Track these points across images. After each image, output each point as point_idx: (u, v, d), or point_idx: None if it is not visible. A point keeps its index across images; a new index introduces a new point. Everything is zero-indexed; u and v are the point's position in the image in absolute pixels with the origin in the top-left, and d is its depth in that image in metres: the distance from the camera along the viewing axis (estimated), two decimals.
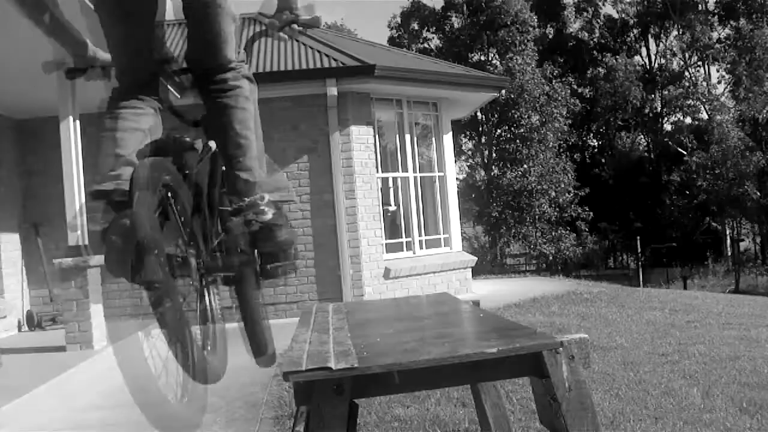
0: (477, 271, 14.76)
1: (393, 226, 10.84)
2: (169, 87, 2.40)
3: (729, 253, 35.70)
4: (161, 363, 1.93)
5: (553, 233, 28.46)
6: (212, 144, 2.23)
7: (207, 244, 1.99)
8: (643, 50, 39.77)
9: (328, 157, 9.68)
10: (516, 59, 28.47)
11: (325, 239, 9.63)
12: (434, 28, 36.92)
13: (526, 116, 27.95)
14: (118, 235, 1.70)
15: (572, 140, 31.42)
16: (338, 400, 1.80)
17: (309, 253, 9.60)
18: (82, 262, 6.81)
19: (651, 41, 39.51)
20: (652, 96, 37.32)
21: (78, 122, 7.18)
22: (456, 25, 35.05)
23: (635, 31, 39.30)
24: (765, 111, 31.94)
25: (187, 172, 2.02)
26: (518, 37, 30.02)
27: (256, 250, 2.09)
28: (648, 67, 38.84)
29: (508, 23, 30.07)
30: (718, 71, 38.33)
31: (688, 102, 37.07)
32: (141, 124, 2.13)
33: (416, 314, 2.87)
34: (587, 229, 31.60)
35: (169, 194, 1.87)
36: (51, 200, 9.11)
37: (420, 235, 10.85)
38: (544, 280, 14.99)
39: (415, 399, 4.58)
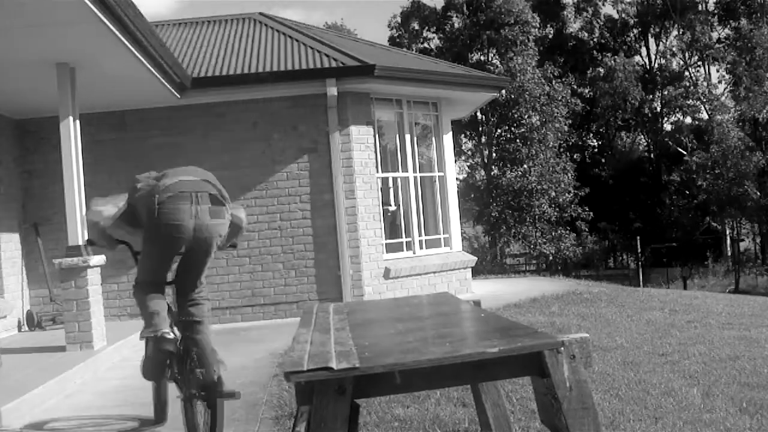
0: (477, 271, 14.76)
1: (393, 226, 10.84)
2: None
3: (729, 253, 35.70)
4: None
5: (553, 233, 28.47)
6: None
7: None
8: (643, 50, 39.82)
9: (328, 157, 9.68)
10: (516, 59, 28.47)
11: (325, 239, 9.63)
12: (434, 28, 36.92)
13: (526, 116, 27.96)
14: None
15: (572, 140, 31.42)
16: (340, 400, 1.80)
17: (309, 253, 9.60)
18: (82, 262, 6.81)
19: (651, 41, 39.57)
20: (651, 96, 37.31)
21: (78, 122, 7.18)
22: (456, 25, 35.04)
23: (635, 31, 39.31)
24: (765, 111, 31.94)
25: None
26: (520, 37, 30.01)
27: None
28: (648, 67, 38.85)
29: (512, 22, 30.03)
30: (717, 71, 38.35)
31: (689, 102, 37.09)
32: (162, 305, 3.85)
33: (417, 314, 2.86)
34: (587, 229, 31.61)
35: None
36: (51, 200, 9.11)
37: (420, 235, 10.85)
38: (544, 280, 14.99)
39: (415, 399, 4.58)
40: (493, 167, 30.91)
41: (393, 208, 10.94)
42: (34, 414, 4.91)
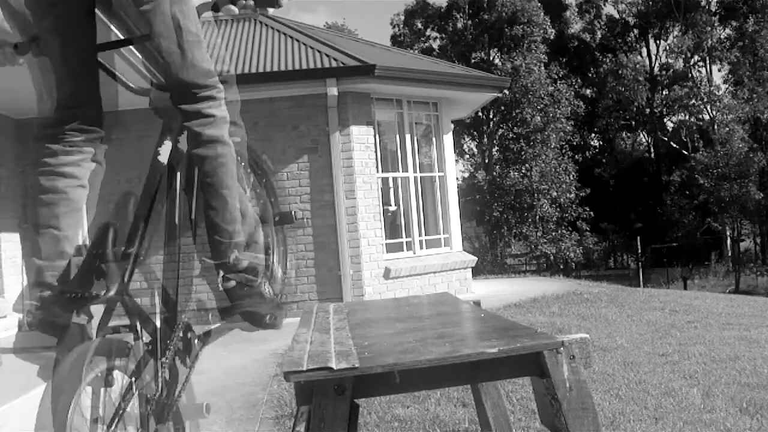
0: (477, 271, 14.76)
1: (393, 226, 10.84)
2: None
3: (729, 254, 35.70)
4: None
5: (554, 233, 28.47)
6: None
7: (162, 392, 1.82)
8: (644, 50, 39.80)
9: (328, 157, 9.68)
10: (522, 59, 28.47)
11: (325, 239, 9.63)
12: (437, 27, 36.89)
13: (530, 116, 27.97)
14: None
15: (575, 141, 31.44)
16: (339, 400, 1.80)
17: (309, 253, 9.60)
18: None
19: (651, 41, 39.58)
20: (650, 96, 37.29)
21: None
22: (459, 25, 35.04)
23: (635, 31, 39.32)
24: None
25: None
26: (530, 38, 29.99)
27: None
28: (649, 67, 38.85)
29: (525, 21, 29.99)
30: (719, 71, 38.33)
31: (691, 102, 37.08)
32: (59, 222, 1.86)
33: (417, 315, 2.86)
34: (588, 230, 31.61)
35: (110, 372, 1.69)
36: None
37: (420, 235, 10.84)
38: (545, 281, 14.98)
39: (415, 399, 4.58)
40: (495, 167, 30.93)
41: (393, 208, 10.94)
42: (35, 414, 4.90)
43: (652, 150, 39.19)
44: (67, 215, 1.85)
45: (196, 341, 2.00)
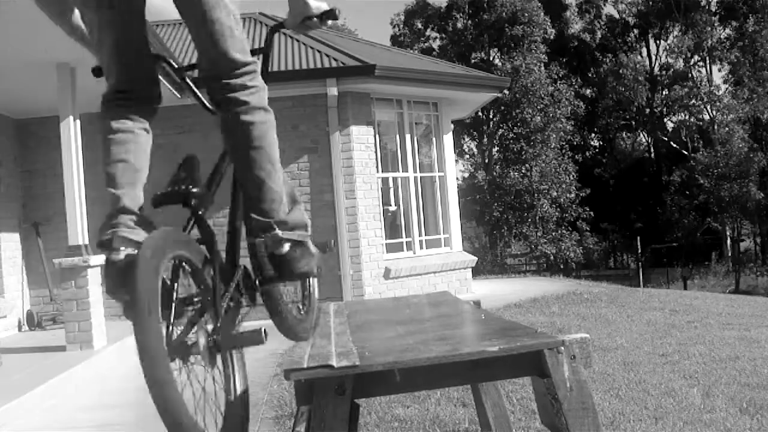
0: (477, 271, 14.76)
1: (393, 226, 10.84)
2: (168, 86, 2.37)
3: (729, 254, 35.70)
4: None
5: (554, 233, 28.48)
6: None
7: (219, 313, 1.85)
8: (644, 50, 39.80)
9: (328, 157, 9.68)
10: (522, 59, 28.46)
11: (325, 239, 9.61)
12: (437, 27, 36.88)
13: (530, 116, 27.97)
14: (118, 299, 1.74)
15: (575, 141, 31.45)
16: (340, 399, 1.79)
17: None
18: (82, 262, 6.82)
19: (651, 41, 39.57)
20: (650, 96, 37.29)
21: (78, 122, 7.18)
22: (459, 25, 35.03)
23: (635, 31, 39.31)
24: None
25: (200, 212, 1.94)
26: (530, 38, 29.99)
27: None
28: (649, 67, 38.84)
29: (526, 21, 29.98)
30: (719, 71, 38.29)
31: (691, 102, 37.07)
32: (129, 156, 1.98)
33: (418, 317, 2.86)
34: (588, 230, 31.62)
35: (182, 264, 1.81)
36: (51, 200, 9.11)
37: (420, 235, 10.84)
38: (545, 281, 14.98)
39: (415, 399, 4.58)
40: (495, 167, 30.94)
41: (393, 208, 10.94)
42: (35, 414, 4.90)
43: (652, 150, 39.20)
44: (137, 152, 1.99)
45: (257, 282, 2.10)
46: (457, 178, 18.69)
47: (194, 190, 1.88)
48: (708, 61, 36.82)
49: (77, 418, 4.86)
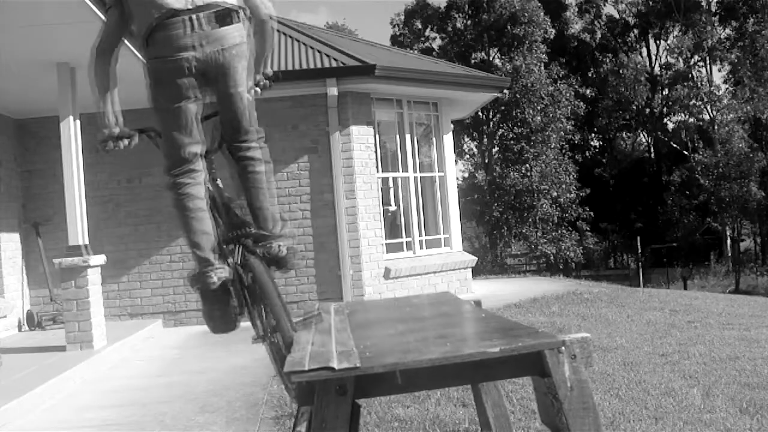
0: (477, 271, 14.75)
1: (393, 226, 10.84)
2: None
3: (729, 254, 35.70)
4: None
5: (554, 233, 28.47)
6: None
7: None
8: (644, 50, 39.79)
9: (328, 157, 9.67)
10: (522, 59, 28.44)
11: (325, 239, 9.63)
12: (437, 27, 36.86)
13: (530, 116, 27.95)
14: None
15: (575, 140, 31.43)
16: (341, 400, 1.80)
17: (309, 253, 9.59)
18: (82, 262, 6.82)
19: (651, 41, 39.55)
20: (650, 96, 37.27)
21: (78, 122, 7.18)
22: (459, 26, 35.02)
23: (635, 31, 39.30)
24: None
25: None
26: (530, 38, 29.97)
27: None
28: (650, 67, 38.83)
29: (526, 21, 29.96)
30: (720, 71, 38.28)
31: (691, 102, 37.04)
32: (204, 203, 2.94)
33: (418, 316, 2.86)
34: (588, 230, 31.61)
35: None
36: (51, 200, 9.10)
37: (420, 235, 10.84)
38: (545, 281, 14.98)
39: (415, 399, 4.58)
40: (495, 167, 30.93)
41: (393, 208, 10.94)
42: (35, 414, 4.90)
43: (652, 150, 39.18)
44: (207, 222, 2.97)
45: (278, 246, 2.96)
46: (457, 178, 18.70)
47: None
48: (708, 61, 36.79)
49: (77, 418, 4.86)
